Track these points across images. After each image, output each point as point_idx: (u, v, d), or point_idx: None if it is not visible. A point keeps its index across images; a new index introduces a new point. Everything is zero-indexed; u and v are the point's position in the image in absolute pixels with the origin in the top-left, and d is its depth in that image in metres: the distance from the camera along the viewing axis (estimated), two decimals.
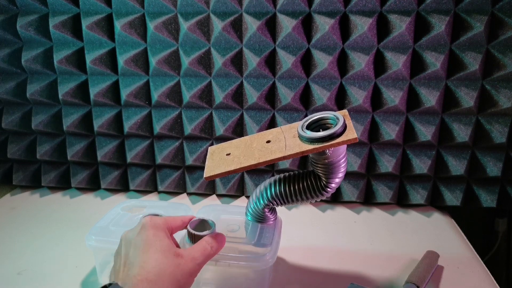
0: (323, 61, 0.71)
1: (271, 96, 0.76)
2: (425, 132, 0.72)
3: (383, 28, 0.70)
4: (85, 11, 0.75)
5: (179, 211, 0.59)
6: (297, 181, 0.50)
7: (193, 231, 0.48)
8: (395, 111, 0.73)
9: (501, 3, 0.65)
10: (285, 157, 0.46)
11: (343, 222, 0.74)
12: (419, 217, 0.75)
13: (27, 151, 0.85)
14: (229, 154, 0.50)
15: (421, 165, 0.74)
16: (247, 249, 0.51)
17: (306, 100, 0.75)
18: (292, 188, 0.50)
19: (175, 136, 0.81)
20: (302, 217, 0.76)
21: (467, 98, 0.69)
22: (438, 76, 0.70)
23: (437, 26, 0.67)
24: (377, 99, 0.73)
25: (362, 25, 0.68)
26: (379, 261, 0.62)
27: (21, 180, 0.86)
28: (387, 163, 0.75)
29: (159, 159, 0.81)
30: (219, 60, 0.74)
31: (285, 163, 0.79)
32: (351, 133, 0.45)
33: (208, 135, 0.80)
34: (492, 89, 0.69)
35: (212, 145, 0.80)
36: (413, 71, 0.71)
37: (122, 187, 0.85)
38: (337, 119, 0.47)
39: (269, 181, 0.52)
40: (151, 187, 0.85)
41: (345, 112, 0.49)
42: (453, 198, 0.75)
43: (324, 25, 0.69)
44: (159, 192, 0.85)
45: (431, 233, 0.70)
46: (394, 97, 0.71)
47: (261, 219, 0.55)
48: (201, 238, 0.47)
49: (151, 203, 0.63)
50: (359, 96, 0.72)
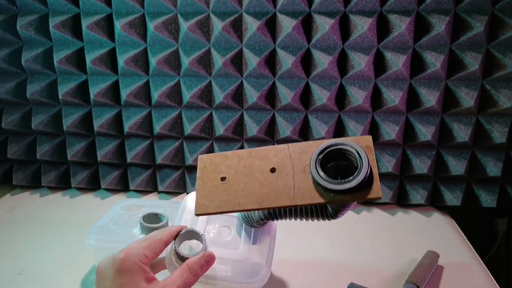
0: (323, 61, 0.71)
1: (271, 96, 0.76)
2: (425, 132, 0.72)
3: (383, 28, 0.70)
4: (85, 11, 0.75)
5: (178, 210, 0.58)
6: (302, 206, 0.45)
7: (179, 252, 0.44)
8: (395, 111, 0.73)
9: (501, 3, 0.65)
10: (293, 205, 0.41)
11: (343, 222, 0.74)
12: (419, 217, 0.75)
13: (27, 151, 0.85)
14: (224, 178, 0.43)
15: (421, 165, 0.74)
16: (239, 267, 0.48)
17: (306, 100, 0.75)
18: (293, 210, 0.46)
19: (175, 136, 0.81)
20: None
21: (467, 98, 0.69)
22: (438, 76, 0.70)
23: (437, 26, 0.67)
24: (377, 99, 0.73)
25: (362, 25, 0.68)
26: (379, 261, 0.62)
27: (21, 180, 0.86)
28: (387, 163, 0.75)
29: (159, 159, 0.81)
30: (219, 60, 0.74)
31: None
32: (376, 189, 0.38)
33: (208, 135, 0.80)
34: (492, 89, 0.69)
35: (212, 145, 0.80)
36: (413, 71, 0.71)
37: (122, 187, 0.85)
38: (360, 158, 0.39)
39: None
40: (151, 187, 0.85)
41: (369, 141, 0.40)
42: (453, 198, 0.75)
43: (324, 25, 0.69)
44: (159, 192, 0.85)
45: (431, 233, 0.70)
46: (394, 97, 0.71)
47: (255, 225, 0.52)
48: (186, 260, 0.44)
49: (150, 202, 0.62)
50: (359, 96, 0.72)
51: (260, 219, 0.49)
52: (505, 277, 0.92)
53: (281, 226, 0.72)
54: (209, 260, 0.45)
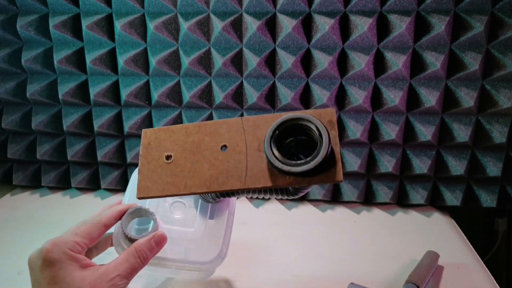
0: (323, 61, 0.71)
1: (271, 96, 0.76)
2: (425, 132, 0.72)
3: (383, 28, 0.70)
4: (85, 11, 0.75)
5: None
6: None
7: (127, 233, 0.41)
8: (395, 111, 0.73)
9: (501, 3, 0.65)
10: (245, 189, 0.37)
11: (343, 222, 0.74)
12: (419, 217, 0.75)
13: (27, 151, 0.85)
14: (169, 157, 0.39)
15: (421, 165, 0.74)
16: (193, 247, 0.45)
17: (306, 100, 0.75)
18: (248, 190, 0.41)
19: None
20: (302, 217, 0.76)
21: (467, 98, 0.69)
22: (438, 76, 0.70)
23: (437, 26, 0.67)
24: (377, 99, 0.73)
25: (362, 25, 0.68)
26: (379, 261, 0.62)
27: (21, 180, 0.86)
28: (387, 163, 0.75)
29: None
30: (219, 60, 0.74)
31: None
32: (338, 171, 0.34)
33: None
34: (492, 89, 0.69)
35: None
36: (413, 71, 0.71)
37: (122, 187, 0.85)
38: (320, 135, 0.34)
39: None
40: None
41: (331, 115, 0.36)
42: (453, 198, 0.75)
43: (324, 25, 0.69)
44: None
45: (431, 233, 0.70)
46: (394, 97, 0.71)
47: (211, 201, 0.47)
48: (134, 241, 0.41)
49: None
50: (359, 96, 0.72)
51: (216, 195, 0.45)
52: (505, 277, 0.92)
53: (281, 225, 0.73)
54: (160, 241, 0.42)
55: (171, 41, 0.75)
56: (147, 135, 0.40)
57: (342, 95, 0.74)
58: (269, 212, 0.78)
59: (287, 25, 0.70)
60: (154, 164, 0.39)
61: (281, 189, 0.40)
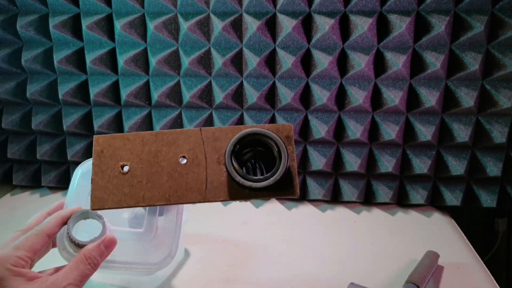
0: (323, 61, 0.71)
1: (271, 96, 0.76)
2: (425, 132, 0.72)
3: (383, 28, 0.70)
4: (85, 11, 0.75)
5: None
6: None
7: (74, 239, 0.40)
8: (395, 111, 0.73)
9: (501, 3, 0.65)
10: (204, 202, 0.37)
11: (343, 222, 0.74)
12: (419, 217, 0.75)
13: (27, 151, 0.85)
14: (125, 166, 0.38)
15: (421, 165, 0.74)
16: (141, 248, 0.44)
17: (306, 100, 0.75)
18: None
19: None
20: (302, 217, 0.76)
21: (467, 98, 0.69)
22: (438, 76, 0.70)
23: (437, 26, 0.67)
24: (377, 99, 0.73)
25: (362, 25, 0.68)
26: (379, 261, 0.62)
27: (21, 180, 0.86)
28: (387, 163, 0.75)
29: None
30: (219, 60, 0.74)
31: None
32: (294, 186, 0.36)
33: None
34: (492, 89, 0.69)
35: None
36: (413, 71, 0.71)
37: None
38: (279, 152, 0.36)
39: None
40: None
41: (289, 131, 0.37)
42: (453, 198, 0.75)
43: (324, 25, 0.69)
44: None
45: (431, 233, 0.70)
46: (394, 97, 0.71)
47: None
48: (82, 246, 0.40)
49: None
50: (359, 96, 0.72)
51: None
52: (505, 277, 0.92)
53: (281, 225, 0.73)
54: (110, 245, 0.40)
55: (171, 41, 0.75)
56: (99, 142, 0.38)
57: (342, 95, 0.74)
58: (269, 212, 0.78)
59: (287, 25, 0.70)
60: (109, 173, 0.38)
61: None
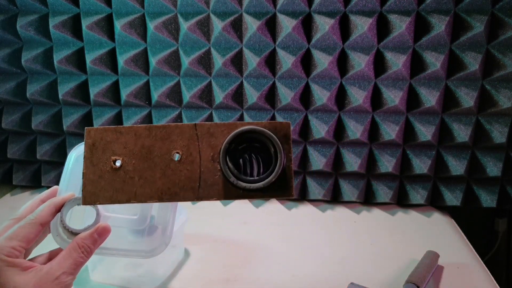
0: (323, 61, 0.71)
1: (271, 96, 0.76)
2: (425, 132, 0.72)
3: (383, 28, 0.70)
4: (85, 11, 0.75)
5: None
6: None
7: (67, 227, 0.39)
8: (395, 111, 0.73)
9: (501, 3, 0.65)
10: (198, 200, 0.36)
11: (343, 222, 0.74)
12: (419, 217, 0.75)
13: (27, 151, 0.85)
14: (118, 161, 0.37)
15: (421, 165, 0.74)
16: (136, 235, 0.44)
17: (306, 100, 0.75)
18: None
19: None
20: (302, 217, 0.76)
21: (467, 98, 0.69)
22: (438, 76, 0.70)
23: (437, 26, 0.67)
24: (377, 99, 0.73)
25: (362, 25, 0.68)
26: (379, 261, 0.62)
27: (21, 180, 0.86)
28: (387, 163, 0.75)
29: None
30: (219, 60, 0.74)
31: None
32: (290, 187, 0.35)
33: None
34: (492, 89, 0.69)
35: None
36: (413, 71, 0.71)
37: None
38: (275, 152, 0.35)
39: None
40: None
41: (287, 129, 0.36)
42: (453, 198, 0.75)
43: (324, 25, 0.69)
44: None
45: (431, 233, 0.70)
46: (394, 97, 0.71)
47: None
48: (75, 234, 0.39)
49: None
50: (359, 96, 0.72)
51: None
52: (505, 277, 0.92)
53: (281, 225, 0.72)
54: (103, 233, 0.40)
55: (171, 41, 0.75)
56: (91, 134, 0.37)
57: (342, 95, 0.74)
58: (269, 212, 0.78)
59: (287, 25, 0.70)
60: (100, 168, 0.36)
61: None
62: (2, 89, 0.80)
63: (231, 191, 0.35)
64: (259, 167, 0.37)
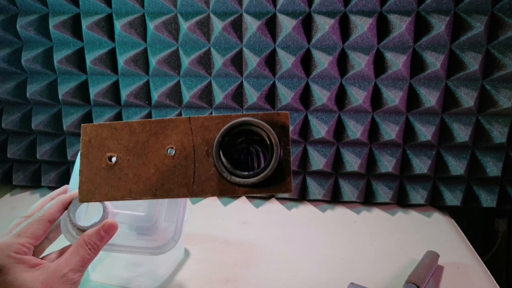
0: (323, 61, 0.71)
1: (271, 96, 0.76)
2: (425, 132, 0.72)
3: (383, 28, 0.70)
4: (85, 11, 0.75)
5: None
6: None
7: (74, 223, 0.40)
8: (395, 111, 0.73)
9: (501, 3, 0.65)
10: (192, 196, 0.35)
11: (343, 222, 0.74)
12: (419, 217, 0.75)
13: (27, 151, 0.85)
14: (113, 158, 0.36)
15: (421, 165, 0.74)
16: (144, 232, 0.43)
17: (306, 100, 0.75)
18: None
19: None
20: (302, 217, 0.76)
21: (467, 98, 0.69)
22: (438, 76, 0.70)
23: (437, 26, 0.67)
24: (377, 99, 0.73)
25: (362, 25, 0.68)
26: (379, 261, 0.62)
27: (21, 180, 0.86)
28: (387, 163, 0.75)
29: None
30: (219, 60, 0.74)
31: None
32: (288, 182, 0.34)
33: None
34: (492, 89, 0.69)
35: None
36: (413, 71, 0.71)
37: None
38: (271, 145, 0.33)
39: None
40: None
41: (285, 119, 0.34)
42: (453, 198, 0.75)
43: (324, 25, 0.69)
44: None
45: (431, 233, 0.70)
46: (394, 97, 0.71)
47: None
48: (83, 231, 0.40)
49: None
50: (359, 96, 0.72)
51: None
52: (505, 277, 0.92)
53: (281, 225, 0.73)
54: (110, 229, 0.40)
55: (171, 41, 0.75)
56: (87, 131, 0.37)
57: (342, 95, 0.74)
58: (269, 212, 0.78)
59: (287, 25, 0.70)
60: (96, 165, 0.36)
61: None
62: (2, 89, 0.80)
63: (226, 187, 0.34)
64: (261, 160, 0.36)
